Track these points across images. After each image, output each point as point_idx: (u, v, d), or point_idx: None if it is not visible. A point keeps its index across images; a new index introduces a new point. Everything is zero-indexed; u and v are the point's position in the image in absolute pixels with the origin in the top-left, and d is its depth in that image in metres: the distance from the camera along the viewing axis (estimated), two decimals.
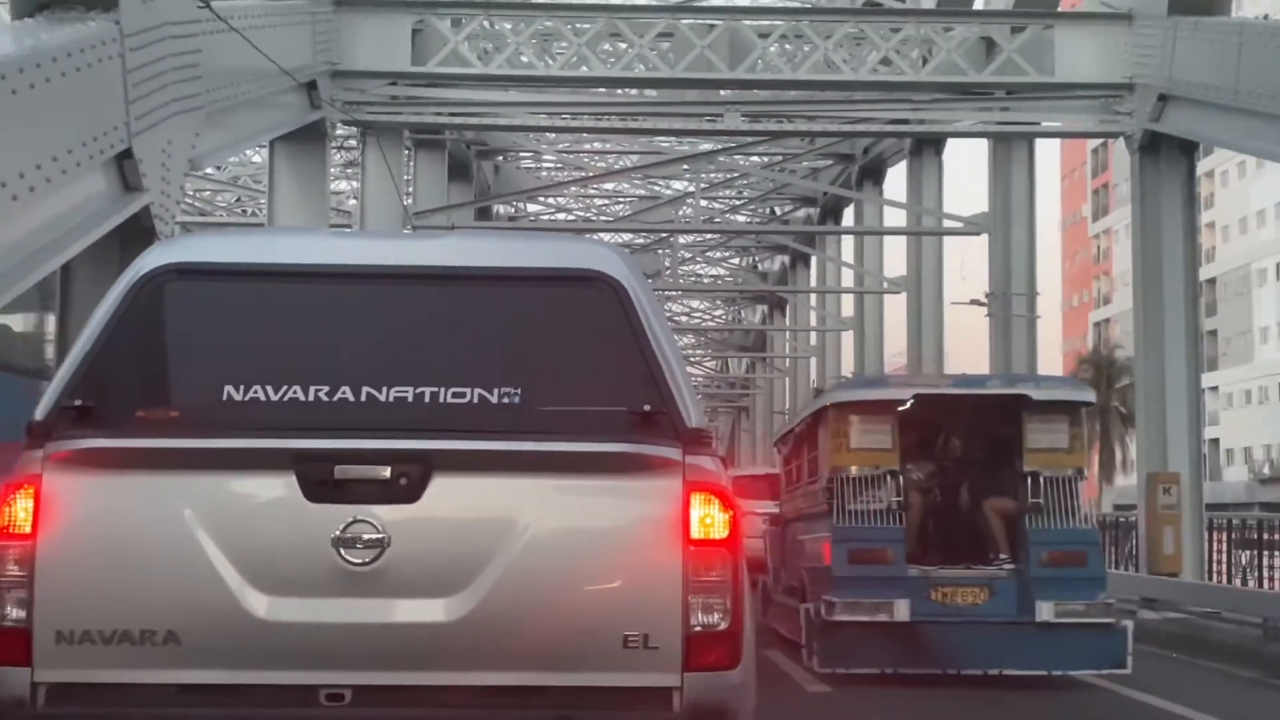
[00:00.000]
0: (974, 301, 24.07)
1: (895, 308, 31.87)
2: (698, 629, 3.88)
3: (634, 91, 20.33)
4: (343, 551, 3.82)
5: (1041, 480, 11.50)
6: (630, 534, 3.98)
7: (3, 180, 8.24)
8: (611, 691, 3.88)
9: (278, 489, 3.86)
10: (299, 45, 15.55)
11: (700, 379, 63.17)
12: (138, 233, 10.85)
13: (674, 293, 47.12)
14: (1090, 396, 13.26)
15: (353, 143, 23.97)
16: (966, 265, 27.51)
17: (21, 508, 3.84)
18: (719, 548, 3.93)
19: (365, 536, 3.82)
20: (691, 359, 59.70)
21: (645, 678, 3.88)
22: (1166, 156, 17.08)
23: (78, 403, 3.93)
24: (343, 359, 4.09)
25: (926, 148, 27.44)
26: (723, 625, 3.91)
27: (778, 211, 39.57)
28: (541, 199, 37.56)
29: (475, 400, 3.99)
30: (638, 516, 3.98)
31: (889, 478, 11.66)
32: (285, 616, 3.82)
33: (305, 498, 3.85)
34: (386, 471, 3.87)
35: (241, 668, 3.84)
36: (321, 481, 3.85)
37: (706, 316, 55.73)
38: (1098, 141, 70.11)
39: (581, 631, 3.89)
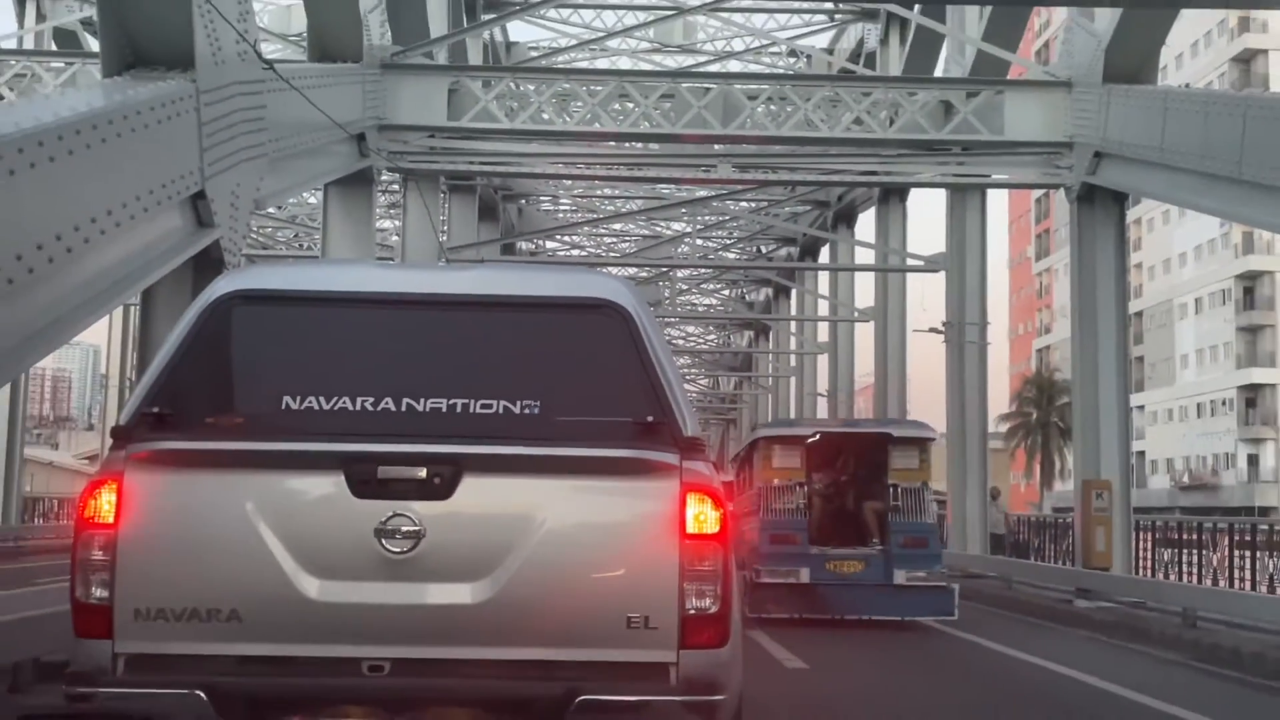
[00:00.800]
0: (933, 329, 24.01)
1: (864, 334, 31.94)
2: (692, 612, 3.87)
3: (639, 144, 20.33)
4: (383, 541, 3.82)
5: (900, 490, 14.57)
6: (633, 528, 3.97)
7: (94, 217, 8.25)
8: (615, 666, 3.86)
9: (328, 486, 3.86)
10: (350, 102, 15.58)
11: (695, 394, 63.08)
12: (209, 263, 10.85)
13: (673, 319, 47.05)
14: (932, 434, 15.68)
15: (395, 187, 23.99)
16: (927, 298, 27.52)
17: (105, 500, 3.84)
18: (711, 541, 3.92)
19: (403, 528, 3.82)
20: (687, 377, 59.67)
21: (645, 654, 3.87)
22: (1101, 205, 17.09)
23: (155, 410, 3.93)
24: (385, 373, 4.08)
25: (893, 196, 27.54)
26: (714, 609, 3.89)
27: (763, 250, 39.57)
28: (558, 237, 37.64)
29: (500, 411, 3.99)
30: (640, 513, 3.96)
31: (798, 487, 14.81)
32: (333, 597, 3.82)
33: (352, 494, 3.84)
34: (423, 472, 3.87)
35: (294, 642, 3.84)
36: (366, 480, 3.85)
37: (700, 340, 55.70)
38: (1041, 192, 70.30)
39: (590, 613, 3.88)
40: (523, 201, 34.10)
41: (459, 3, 22.34)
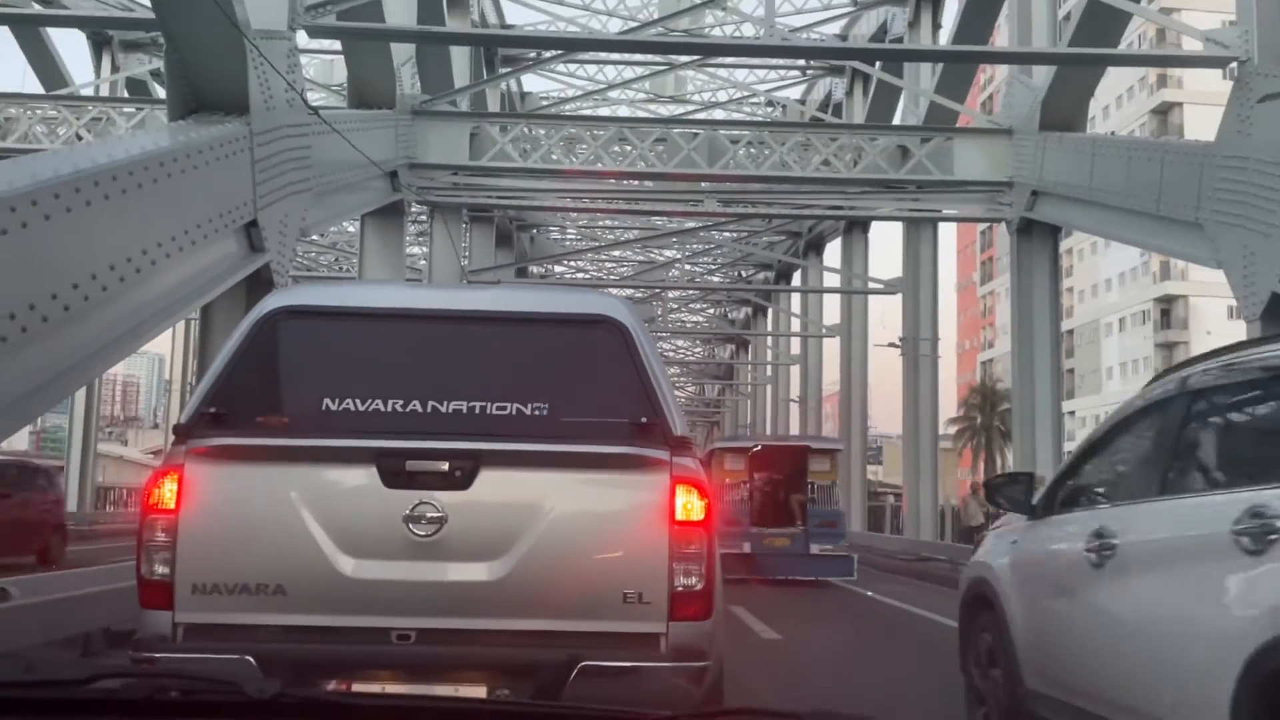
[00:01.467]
0: (891, 344, 24.01)
1: (831, 348, 31.94)
2: (680, 589, 3.83)
3: (636, 181, 20.33)
4: (410, 526, 3.78)
5: (816, 486, 17.94)
6: (629, 515, 3.93)
7: (160, 242, 8.26)
8: (613, 636, 3.82)
9: (362, 478, 3.83)
10: (384, 144, 15.58)
11: (683, 399, 63.02)
12: (260, 283, 10.82)
13: (664, 334, 47.19)
14: (840, 446, 20.61)
15: (424, 218, 23.97)
16: (886, 317, 27.60)
17: (168, 489, 3.84)
18: (697, 527, 3.87)
19: (428, 515, 3.79)
20: (677, 385, 59.64)
21: (639, 626, 3.83)
22: (1038, 237, 17.08)
23: (212, 410, 3.91)
24: (413, 379, 4.03)
25: (856, 228, 27.60)
26: (699, 586, 3.86)
27: (743, 274, 39.59)
28: (565, 262, 37.59)
29: (513, 412, 3.95)
30: (635, 502, 3.92)
31: (743, 484, 17.64)
32: (366, 575, 3.80)
33: (383, 484, 3.80)
34: (445, 465, 3.83)
35: (331, 613, 3.81)
36: (396, 472, 3.81)
37: (689, 352, 55.68)
38: (985, 225, 70.32)
39: (590, 589, 3.85)
40: (534, 231, 34.04)
41: (479, 57, 22.38)
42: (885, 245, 38.45)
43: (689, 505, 3.87)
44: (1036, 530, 5.37)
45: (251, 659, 3.65)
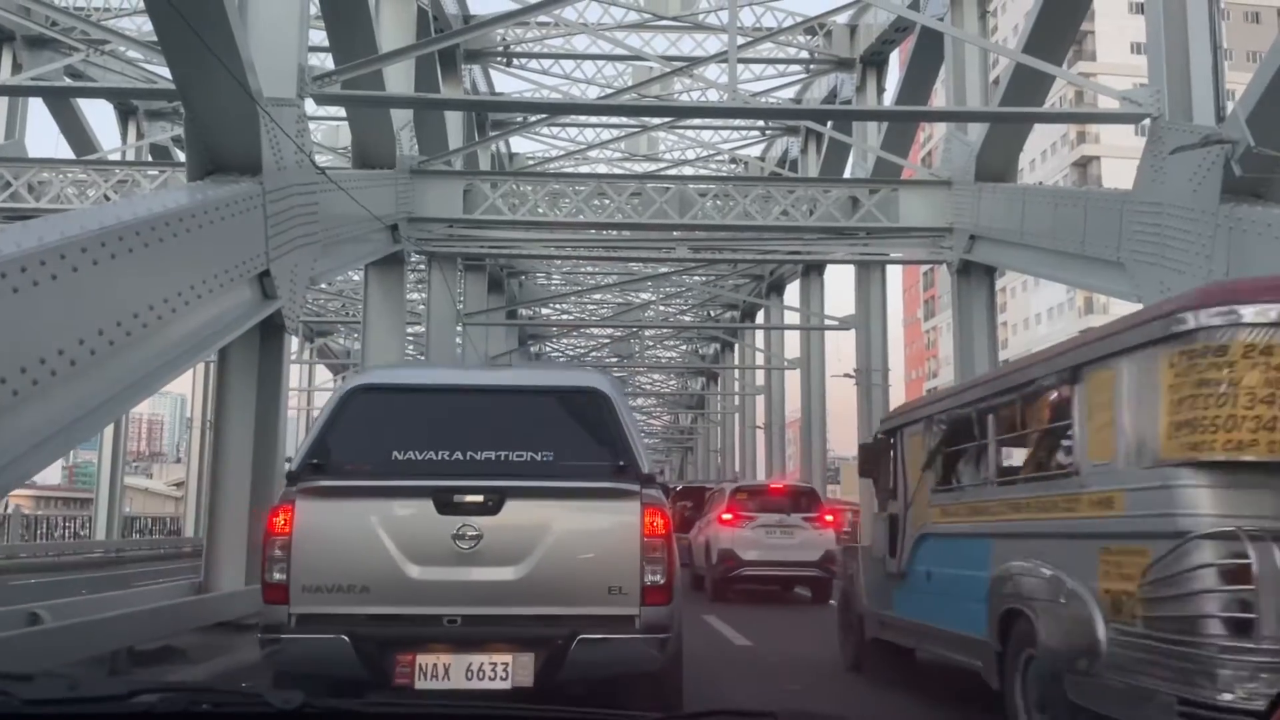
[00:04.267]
0: (846, 375, 24.02)
1: (792, 380, 31.97)
2: (648, 583, 4.70)
3: (614, 231, 20.27)
4: (456, 541, 4.67)
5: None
6: (612, 531, 4.78)
7: (180, 291, 8.14)
8: (602, 617, 4.67)
9: (421, 508, 4.70)
10: (385, 200, 15.52)
11: (658, 428, 63.04)
12: (272, 328, 10.74)
13: (641, 369, 47.27)
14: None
15: (422, 267, 23.87)
16: (841, 350, 27.74)
17: (283, 518, 4.70)
18: (660, 538, 4.74)
19: (469, 533, 4.68)
20: (653, 415, 59.63)
21: (620, 609, 4.69)
22: (975, 277, 17.10)
23: (314, 461, 4.83)
24: (456, 435, 4.89)
25: (813, 271, 27.73)
26: (661, 581, 4.73)
27: (711, 313, 39.60)
28: (552, 305, 37.55)
29: (528, 459, 4.85)
30: (616, 522, 4.78)
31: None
32: (426, 577, 4.67)
33: (436, 512, 4.69)
34: (481, 498, 4.72)
35: (401, 604, 4.66)
36: (445, 503, 4.70)
37: (663, 385, 55.56)
38: (928, 266, 70.82)
39: (585, 584, 4.73)
40: (523, 277, 34.02)
41: (471, 122, 22.43)
42: (839, 286, 38.62)
43: (654, 524, 4.75)
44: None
45: (345, 638, 4.55)
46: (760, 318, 35.14)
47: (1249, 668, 3.76)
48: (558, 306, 37.85)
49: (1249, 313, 4.05)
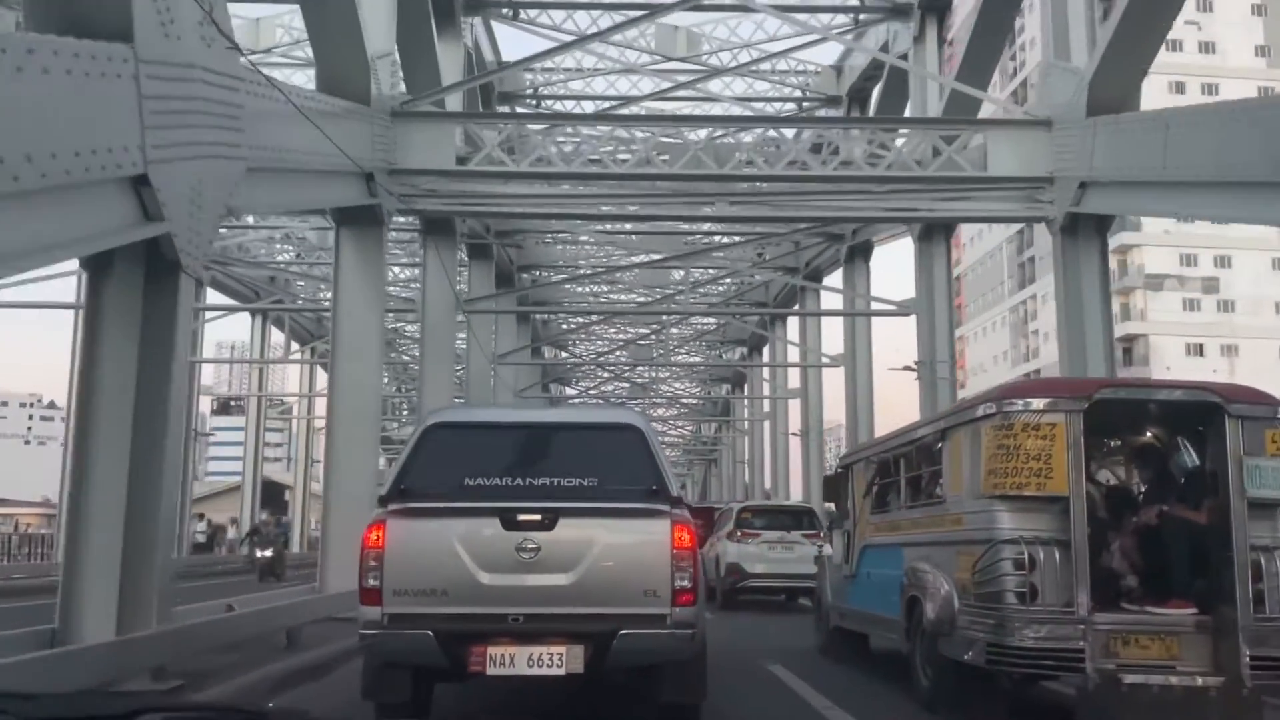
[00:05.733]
0: (907, 368, 20.53)
1: (831, 379, 28.74)
2: (677, 586, 5.53)
3: (643, 184, 16.22)
4: (519, 553, 5.53)
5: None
6: (646, 545, 5.63)
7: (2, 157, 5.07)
8: (639, 615, 5.51)
9: (490, 525, 5.58)
10: (356, 139, 12.23)
11: (682, 440, 59.94)
12: (162, 264, 7.47)
13: (665, 375, 44.43)
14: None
15: (415, 245, 20.54)
16: (890, 342, 24.44)
17: (376, 534, 5.57)
18: (687, 550, 5.60)
19: (529, 546, 5.54)
20: (675, 425, 56.37)
21: (654, 609, 5.52)
22: (1084, 235, 13.68)
23: (401, 486, 5.72)
24: (518, 464, 5.90)
25: (858, 256, 24.66)
26: (688, 585, 5.55)
27: (737, 316, 36.01)
28: (567, 296, 34.26)
29: (576, 484, 5.76)
30: (650, 537, 5.64)
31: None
32: (495, 582, 5.53)
33: (503, 529, 5.56)
34: (539, 517, 5.58)
35: (474, 605, 5.50)
36: (510, 522, 5.57)
37: (686, 393, 52.04)
38: (1016, 227, 65.51)
39: (626, 588, 5.56)
40: (536, 272, 30.91)
41: (469, 63, 19.27)
42: (885, 273, 35.15)
43: (681, 538, 5.64)
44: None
45: (430, 633, 5.45)
46: (793, 321, 31.74)
47: (1031, 622, 6.12)
48: (574, 290, 33.93)
49: (1026, 404, 6.42)
